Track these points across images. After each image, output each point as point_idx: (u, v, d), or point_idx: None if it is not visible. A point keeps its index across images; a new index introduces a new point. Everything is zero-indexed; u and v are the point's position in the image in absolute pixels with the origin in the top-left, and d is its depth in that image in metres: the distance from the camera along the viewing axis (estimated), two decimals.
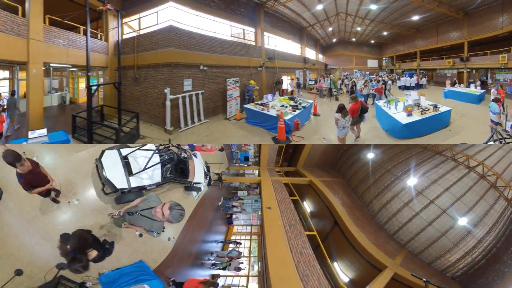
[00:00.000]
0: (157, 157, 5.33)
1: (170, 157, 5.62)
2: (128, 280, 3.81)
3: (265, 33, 14.14)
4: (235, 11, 12.15)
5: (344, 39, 23.70)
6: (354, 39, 23.46)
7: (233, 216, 11.27)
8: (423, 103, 9.22)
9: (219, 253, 9.02)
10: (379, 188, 10.27)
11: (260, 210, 10.00)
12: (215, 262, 8.54)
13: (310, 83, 18.87)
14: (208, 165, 7.80)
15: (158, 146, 5.64)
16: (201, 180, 6.60)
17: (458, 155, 9.83)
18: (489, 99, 9.39)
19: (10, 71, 9.06)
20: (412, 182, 9.47)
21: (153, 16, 9.38)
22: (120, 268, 4.15)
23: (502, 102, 8.61)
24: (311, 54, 21.94)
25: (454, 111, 9.78)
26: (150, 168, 5.08)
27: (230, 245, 10.11)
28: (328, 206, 10.36)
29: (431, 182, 9.21)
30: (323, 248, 7.67)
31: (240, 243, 10.37)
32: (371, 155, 11.44)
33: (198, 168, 6.47)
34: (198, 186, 6.73)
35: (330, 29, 20.41)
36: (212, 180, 8.34)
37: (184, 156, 6.21)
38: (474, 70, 17.46)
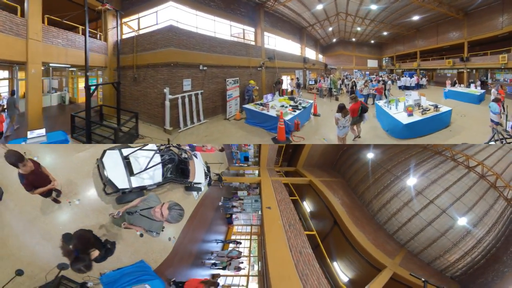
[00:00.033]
0: (158, 157, 5.34)
1: (171, 157, 5.64)
2: (130, 280, 3.83)
3: (265, 33, 14.13)
4: (235, 10, 12.14)
5: (344, 39, 23.70)
6: (354, 39, 23.46)
7: (233, 216, 11.28)
8: (424, 103, 9.24)
9: (219, 252, 9.04)
10: (379, 188, 10.27)
11: (260, 210, 9.99)
12: (215, 261, 8.56)
13: (310, 83, 18.86)
14: (208, 165, 7.80)
15: (159, 146, 5.65)
16: (201, 180, 6.60)
17: (457, 155, 9.85)
18: (489, 99, 9.42)
19: (10, 71, 9.08)
20: (411, 182, 9.47)
21: (152, 16, 9.38)
22: (121, 268, 4.16)
23: (502, 102, 8.63)
24: (311, 54, 21.92)
25: (455, 111, 9.81)
26: (151, 168, 5.08)
27: (230, 244, 10.14)
28: (328, 206, 10.36)
29: (431, 182, 9.21)
30: (323, 248, 7.68)
31: (240, 242, 10.40)
32: (370, 155, 11.44)
33: (198, 169, 6.47)
34: (199, 186, 6.73)
35: (330, 29, 20.41)
36: (212, 180, 8.34)
37: (185, 157, 6.22)
38: (474, 70, 17.49)
